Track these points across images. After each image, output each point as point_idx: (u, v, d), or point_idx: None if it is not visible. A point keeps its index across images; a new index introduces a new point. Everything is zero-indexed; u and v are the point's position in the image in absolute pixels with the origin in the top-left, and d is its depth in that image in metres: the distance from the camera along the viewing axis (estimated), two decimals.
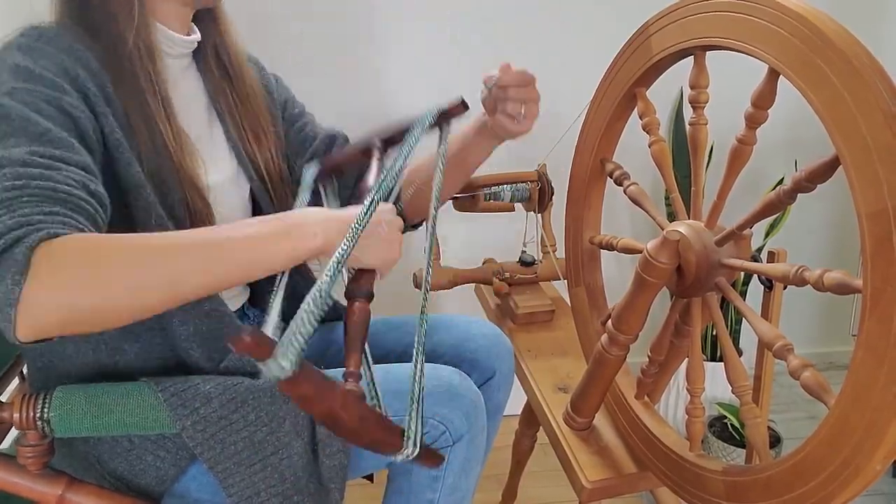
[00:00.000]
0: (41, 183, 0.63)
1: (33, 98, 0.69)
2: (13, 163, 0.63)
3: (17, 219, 0.60)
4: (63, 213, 0.62)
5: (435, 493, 0.89)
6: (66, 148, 0.68)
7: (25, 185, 0.62)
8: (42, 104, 0.69)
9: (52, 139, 0.67)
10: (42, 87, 0.70)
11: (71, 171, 0.66)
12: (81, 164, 0.68)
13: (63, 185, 0.64)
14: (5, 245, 0.58)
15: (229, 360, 0.83)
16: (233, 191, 0.93)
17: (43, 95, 0.70)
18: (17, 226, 0.59)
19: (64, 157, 0.67)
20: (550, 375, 1.17)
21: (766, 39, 0.68)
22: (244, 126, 0.94)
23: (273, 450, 0.79)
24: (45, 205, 0.62)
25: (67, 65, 0.73)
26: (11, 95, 0.69)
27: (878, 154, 0.58)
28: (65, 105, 0.70)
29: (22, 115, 0.67)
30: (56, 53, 0.73)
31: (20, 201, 0.61)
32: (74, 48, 0.75)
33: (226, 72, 0.94)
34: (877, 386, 0.59)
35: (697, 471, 0.81)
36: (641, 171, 1.22)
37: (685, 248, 0.80)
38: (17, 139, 0.66)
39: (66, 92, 0.71)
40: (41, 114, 0.68)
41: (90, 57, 0.75)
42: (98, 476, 0.83)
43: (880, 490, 1.62)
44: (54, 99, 0.70)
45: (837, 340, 2.09)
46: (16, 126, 0.67)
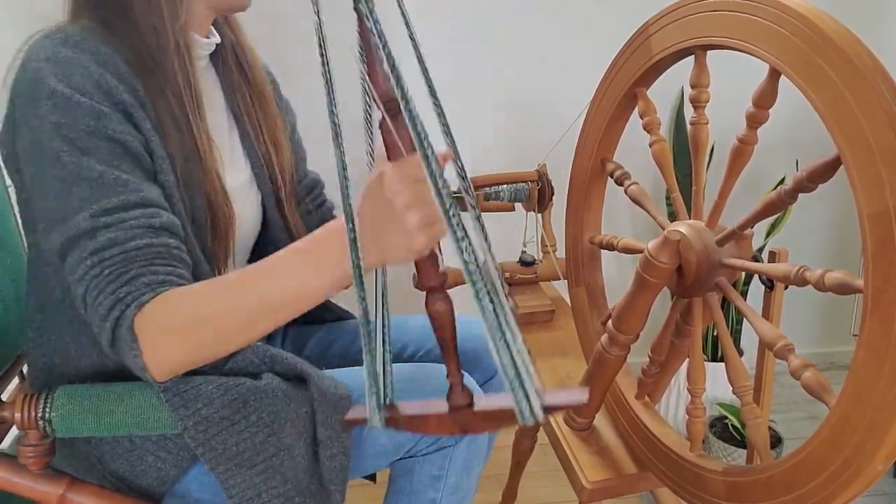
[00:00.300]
0: (112, 251, 0.69)
1: (76, 133, 0.71)
2: (83, 235, 0.70)
3: (110, 299, 0.69)
4: (142, 274, 0.70)
5: (437, 492, 0.89)
6: (122, 191, 0.71)
7: (101, 259, 0.69)
8: (89, 139, 0.71)
9: (107, 183, 0.71)
10: (83, 116, 0.71)
11: (132, 218, 0.71)
12: (141, 202, 0.72)
13: (131, 243, 0.70)
14: (112, 328, 0.69)
15: (232, 360, 0.83)
16: (247, 195, 0.92)
17: (87, 128, 0.71)
18: (112, 305, 0.69)
19: (123, 205, 0.71)
20: (550, 375, 1.17)
21: (767, 39, 0.68)
22: (261, 130, 0.94)
23: (274, 451, 0.79)
24: (124, 274, 0.69)
25: (98, 76, 0.72)
26: (57, 132, 0.70)
27: (880, 154, 0.58)
28: (109, 133, 0.72)
29: (73, 159, 0.70)
30: (86, 63, 0.72)
31: (105, 279, 0.69)
32: (101, 52, 0.74)
33: (243, 74, 0.93)
34: (878, 386, 0.59)
35: (698, 471, 0.81)
36: (642, 170, 1.22)
37: (686, 248, 0.80)
38: (75, 189, 0.70)
39: (107, 116, 0.72)
40: (90, 153, 0.71)
41: (118, 60, 0.75)
42: (99, 476, 0.83)
43: (881, 490, 1.62)
44: (99, 129, 0.71)
45: (838, 340, 2.08)
46: (70, 171, 0.70)
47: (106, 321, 0.69)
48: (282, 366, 0.83)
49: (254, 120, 0.93)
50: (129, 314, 0.68)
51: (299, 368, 0.83)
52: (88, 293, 0.70)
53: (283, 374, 0.83)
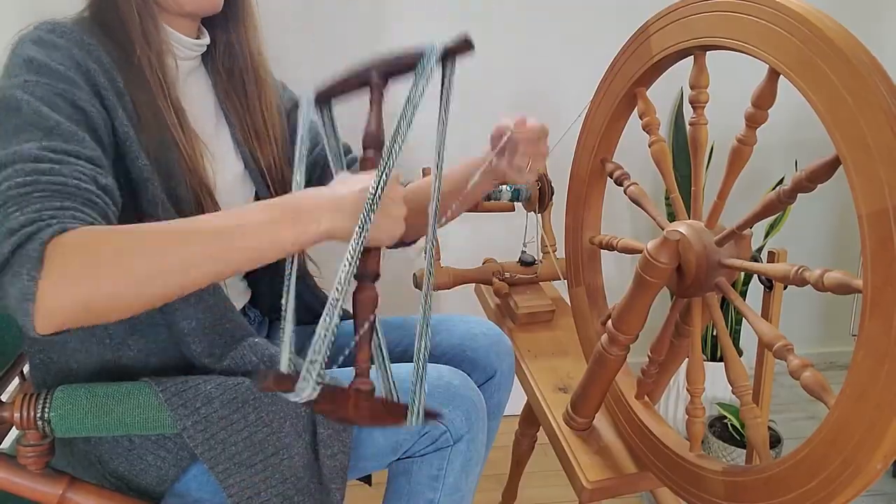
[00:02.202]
0: (51, 178, 0.64)
1: (45, 91, 0.70)
2: (24, 159, 0.64)
3: (29, 215, 0.60)
4: (73, 208, 0.63)
5: (435, 492, 0.89)
6: (77, 142, 0.69)
7: (36, 181, 0.63)
8: (54, 98, 0.70)
9: (63, 133, 0.68)
10: (54, 80, 0.71)
11: (81, 165, 0.67)
12: (91, 158, 0.69)
13: (73, 180, 0.65)
14: (19, 241, 0.59)
15: (231, 358, 0.83)
16: (239, 192, 0.93)
17: (55, 89, 0.70)
18: (29, 222, 0.60)
19: (74, 151, 0.68)
20: (550, 375, 1.17)
21: (766, 39, 0.68)
22: (251, 128, 0.94)
23: (274, 450, 0.79)
24: (55, 200, 0.63)
25: (79, 58, 0.74)
26: (24, 88, 0.69)
27: (879, 154, 0.58)
28: (76, 100, 0.71)
29: (33, 108, 0.68)
30: (69, 47, 0.74)
31: (31, 197, 0.62)
32: (86, 42, 0.76)
33: (237, 72, 0.93)
34: (877, 386, 0.59)
35: (697, 471, 0.81)
36: (641, 171, 1.23)
37: (685, 249, 0.80)
38: (28, 133, 0.67)
39: (79, 86, 0.72)
40: (52, 107, 0.69)
41: (102, 52, 0.76)
42: (99, 476, 0.83)
43: (881, 490, 1.62)
44: (66, 92, 0.71)
45: (838, 340, 2.09)
46: (27, 119, 0.67)
47: (12, 235, 0.59)
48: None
49: (243, 120, 0.93)
50: (47, 233, 0.59)
51: (298, 368, 0.83)
52: (4, 207, 0.62)
53: None
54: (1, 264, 0.60)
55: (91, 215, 0.64)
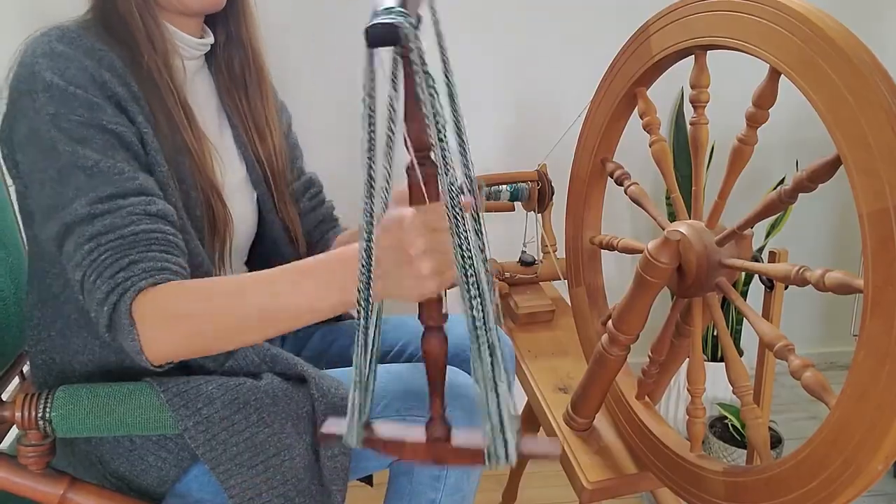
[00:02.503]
0: (110, 236, 0.71)
1: (73, 125, 0.72)
2: (80, 221, 0.71)
3: (108, 282, 0.69)
4: (140, 259, 0.71)
5: (437, 493, 0.89)
6: (118, 179, 0.72)
7: (97, 244, 0.70)
8: (83, 130, 0.72)
9: (102, 171, 0.72)
10: (79, 108, 0.72)
11: (129, 206, 0.72)
12: (136, 190, 0.73)
13: (128, 228, 0.71)
14: (110, 312, 0.70)
15: (233, 359, 0.83)
16: (243, 194, 0.93)
17: (81, 118, 0.72)
18: (110, 290, 0.69)
19: (120, 192, 0.72)
20: (550, 375, 1.17)
21: (767, 39, 0.68)
22: (253, 129, 0.94)
23: (275, 451, 0.79)
24: (121, 258, 0.70)
25: (93, 70, 0.74)
26: (53, 124, 0.72)
27: (880, 153, 0.58)
28: (105, 123, 0.73)
29: (69, 149, 0.71)
30: (81, 58, 0.74)
31: (103, 263, 0.70)
32: (96, 49, 0.76)
33: (239, 73, 0.93)
34: (878, 386, 0.59)
35: (698, 471, 0.81)
36: (642, 170, 1.22)
37: (686, 249, 0.80)
38: (73, 178, 0.71)
39: (102, 108, 0.74)
40: (85, 143, 0.72)
41: (113, 57, 0.77)
42: (100, 476, 0.83)
43: (882, 490, 1.62)
44: (93, 120, 0.73)
45: (838, 341, 2.08)
46: (66, 161, 0.71)
47: (104, 305, 0.70)
48: (282, 366, 0.83)
49: (246, 120, 0.94)
50: (128, 299, 0.69)
51: (300, 368, 0.83)
52: (86, 278, 0.71)
53: (283, 374, 0.83)
54: (107, 330, 0.71)
55: (157, 258, 0.72)
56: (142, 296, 0.69)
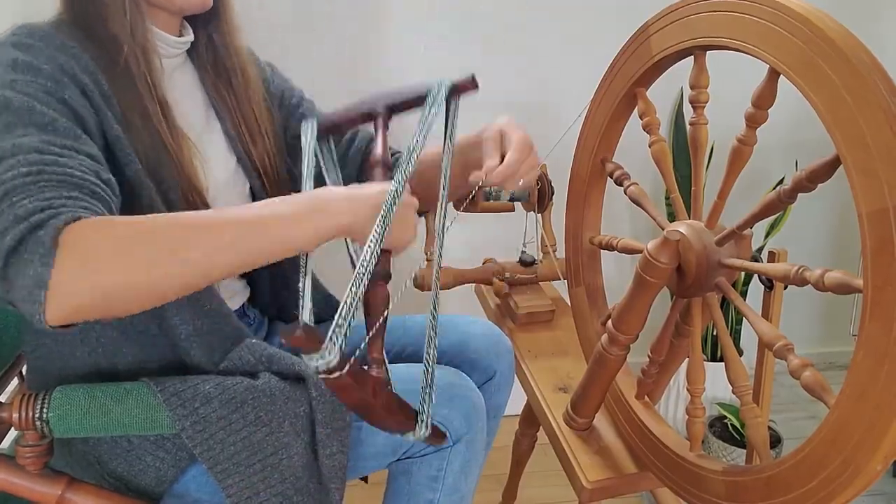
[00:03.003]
0: (57, 169, 0.63)
1: (34, 89, 0.69)
2: (26, 150, 0.63)
3: (38, 202, 0.59)
4: (81, 198, 0.62)
5: (435, 493, 0.89)
6: (74, 138, 0.68)
7: (41, 171, 0.62)
8: (44, 95, 0.69)
9: (59, 129, 0.67)
10: (42, 78, 0.70)
11: (83, 159, 0.67)
12: (91, 154, 0.69)
13: (77, 171, 0.65)
14: (29, 228, 0.57)
15: (229, 359, 0.83)
16: (232, 188, 0.93)
17: (44, 87, 0.70)
18: (39, 209, 0.59)
19: (74, 147, 0.67)
20: (550, 375, 1.17)
21: (766, 39, 0.68)
22: (242, 123, 0.94)
23: (272, 450, 0.79)
24: (63, 189, 0.62)
25: (62, 61, 0.73)
26: (12, 87, 0.69)
27: (879, 153, 0.58)
28: (66, 97, 0.71)
29: (25, 105, 0.67)
30: (51, 51, 0.73)
31: (38, 186, 0.61)
32: (68, 46, 0.75)
33: (223, 68, 0.93)
34: (877, 386, 0.58)
35: (697, 471, 0.81)
36: (642, 171, 1.22)
37: (685, 249, 0.80)
38: (24, 129, 0.66)
39: (66, 86, 0.72)
40: (44, 104, 0.68)
41: (85, 57, 0.75)
42: (97, 476, 0.83)
43: (881, 490, 1.62)
44: (56, 90, 0.70)
45: (838, 340, 2.09)
46: (21, 116, 0.66)
47: (21, 222, 0.58)
48: (279, 365, 0.83)
49: (234, 115, 0.93)
50: (60, 219, 0.58)
51: (297, 368, 0.83)
52: (9, 195, 0.60)
53: (280, 374, 0.83)
54: (7, 252, 0.58)
55: (99, 207, 0.63)
56: (76, 224, 0.58)
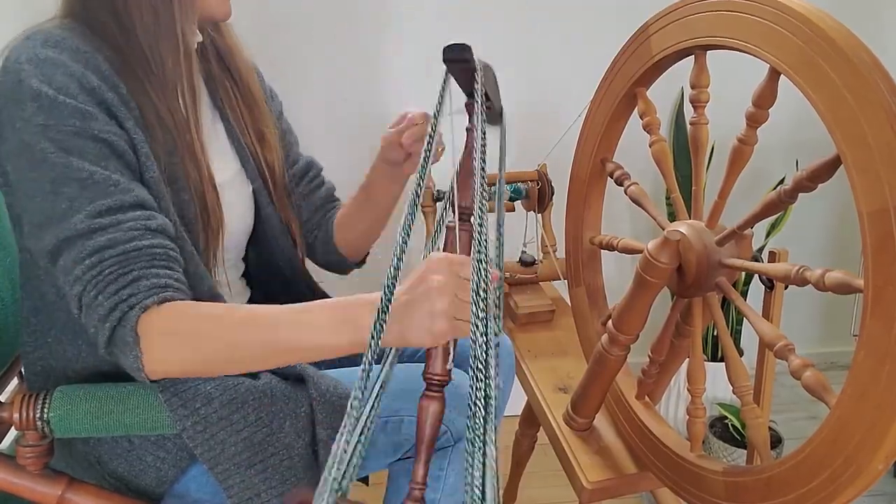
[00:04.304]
0: (112, 251, 0.70)
1: (65, 136, 0.71)
2: (79, 236, 0.70)
3: (111, 299, 0.69)
4: (143, 276, 0.70)
5: (436, 493, 0.89)
6: (114, 191, 0.71)
7: (100, 259, 0.69)
8: (75, 140, 0.71)
9: (98, 183, 0.71)
10: (69, 116, 0.71)
11: (129, 220, 0.71)
12: (135, 204, 0.72)
13: (130, 244, 0.70)
14: (112, 327, 0.69)
15: None
16: (236, 190, 0.93)
17: (73, 128, 0.71)
18: (113, 307, 0.68)
19: (117, 206, 0.71)
20: (550, 375, 1.17)
21: (767, 39, 0.68)
22: (247, 124, 0.94)
23: (273, 450, 0.79)
24: (125, 274, 0.69)
25: (79, 75, 0.72)
26: (44, 135, 0.70)
27: (880, 153, 0.58)
28: (97, 132, 0.72)
29: (61, 160, 0.70)
30: (67, 63, 0.72)
31: (103, 277, 0.69)
32: (82, 51, 0.74)
33: (227, 70, 0.94)
34: (878, 386, 0.58)
35: (698, 471, 0.81)
36: (642, 171, 1.22)
37: (686, 249, 0.80)
38: (67, 189, 0.70)
39: (93, 116, 0.72)
40: (78, 154, 0.71)
41: (100, 59, 0.75)
42: (98, 476, 0.82)
43: (882, 490, 1.62)
44: (84, 129, 0.71)
45: (839, 340, 2.08)
46: (59, 173, 0.70)
47: (106, 321, 0.69)
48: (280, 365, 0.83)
49: (238, 115, 0.94)
50: (133, 316, 0.68)
51: (298, 368, 0.83)
52: (86, 293, 0.70)
53: (281, 374, 0.83)
54: (107, 345, 0.70)
55: (160, 274, 0.71)
56: (147, 314, 0.69)
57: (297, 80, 1.09)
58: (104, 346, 0.70)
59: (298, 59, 1.57)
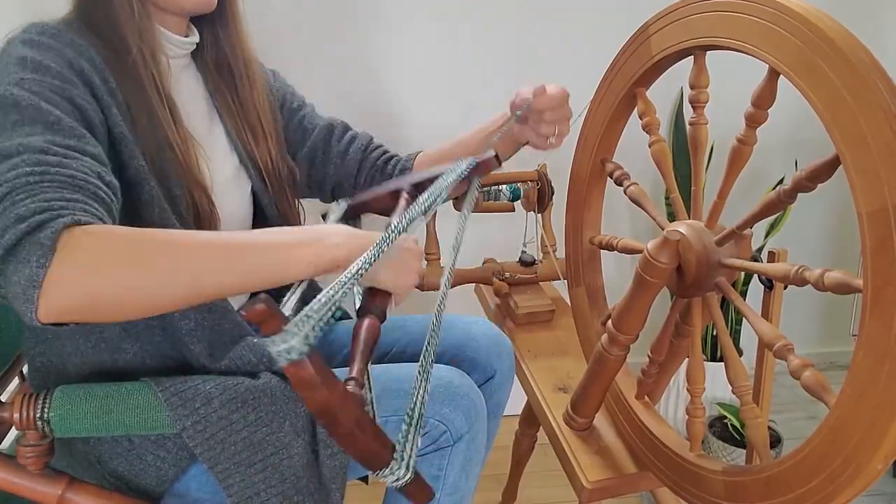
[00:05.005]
0: (60, 170, 0.64)
1: (41, 88, 0.69)
2: (31, 150, 0.64)
3: (40, 203, 0.60)
4: (83, 201, 0.63)
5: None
6: (79, 138, 0.69)
7: (45, 171, 0.63)
8: (51, 94, 0.70)
9: (64, 128, 0.68)
10: (50, 77, 0.71)
11: (86, 161, 0.67)
12: (94, 155, 0.69)
13: (80, 173, 0.65)
14: (29, 228, 0.59)
15: (230, 358, 0.83)
16: (234, 189, 0.93)
17: (51, 86, 0.70)
18: (41, 210, 0.60)
19: (78, 147, 0.67)
20: (550, 375, 1.17)
21: (766, 39, 0.68)
22: (244, 124, 0.94)
23: (273, 450, 0.79)
24: (65, 191, 0.62)
25: (71, 58, 0.74)
26: (20, 85, 0.69)
27: (879, 153, 0.58)
28: (73, 96, 0.71)
29: (32, 103, 0.68)
30: (60, 47, 0.74)
31: (41, 186, 0.62)
32: (77, 43, 0.75)
33: (227, 69, 0.94)
34: (877, 386, 0.59)
35: (697, 471, 0.81)
36: (642, 171, 1.22)
37: (685, 249, 0.80)
38: (30, 127, 0.66)
39: (74, 84, 0.72)
40: (51, 103, 0.69)
41: (93, 53, 0.76)
42: (98, 476, 0.83)
43: (881, 490, 1.62)
44: (63, 90, 0.71)
45: (838, 340, 2.08)
46: (27, 114, 0.67)
47: (22, 223, 0.59)
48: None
49: (235, 116, 0.93)
50: (60, 222, 0.59)
51: None
52: (11, 195, 0.61)
53: (281, 374, 0.83)
54: (6, 250, 0.59)
55: (99, 210, 0.64)
56: (78, 227, 0.60)
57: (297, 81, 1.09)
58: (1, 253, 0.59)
59: (298, 59, 1.57)
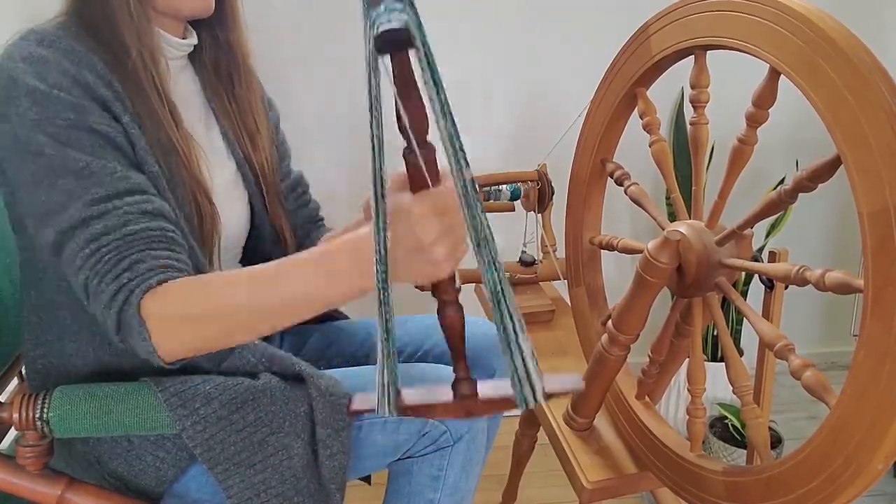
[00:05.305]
0: (110, 237, 0.70)
1: (59, 128, 0.71)
2: (78, 226, 0.70)
3: (111, 285, 0.69)
4: (141, 259, 0.70)
5: (436, 492, 0.89)
6: (110, 180, 0.71)
7: (98, 248, 0.70)
8: (70, 132, 0.71)
9: (94, 173, 0.71)
10: (64, 111, 0.71)
11: (125, 205, 0.71)
12: (130, 189, 0.72)
13: (127, 228, 0.70)
14: (118, 313, 0.69)
15: (230, 360, 0.83)
16: (233, 193, 0.93)
17: (67, 122, 0.71)
18: (114, 292, 0.69)
19: (113, 193, 0.71)
20: None
21: (767, 39, 0.68)
22: (241, 127, 0.94)
23: (273, 450, 0.79)
24: (123, 259, 0.69)
25: (74, 72, 0.73)
26: (39, 128, 0.71)
27: (880, 153, 0.58)
28: (91, 124, 0.72)
29: (57, 151, 0.70)
30: (61, 61, 0.73)
31: (102, 265, 0.69)
32: (76, 50, 0.74)
33: (224, 71, 0.93)
34: (878, 386, 0.58)
35: (698, 471, 0.81)
36: (642, 171, 1.22)
37: (686, 249, 0.80)
38: (63, 181, 0.70)
39: (87, 110, 0.72)
40: (73, 145, 0.71)
41: (94, 59, 0.75)
42: (98, 476, 0.83)
43: (882, 490, 1.62)
44: (79, 122, 0.72)
45: (839, 340, 2.08)
46: (55, 164, 0.70)
47: (111, 308, 0.69)
48: (280, 365, 0.83)
49: (234, 119, 0.93)
50: (135, 299, 0.68)
51: (297, 368, 0.83)
52: (89, 282, 0.70)
53: (281, 374, 0.83)
54: (115, 332, 0.70)
55: (160, 255, 0.71)
56: (150, 294, 0.69)
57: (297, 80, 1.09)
58: (115, 333, 0.70)
59: (298, 59, 1.57)
